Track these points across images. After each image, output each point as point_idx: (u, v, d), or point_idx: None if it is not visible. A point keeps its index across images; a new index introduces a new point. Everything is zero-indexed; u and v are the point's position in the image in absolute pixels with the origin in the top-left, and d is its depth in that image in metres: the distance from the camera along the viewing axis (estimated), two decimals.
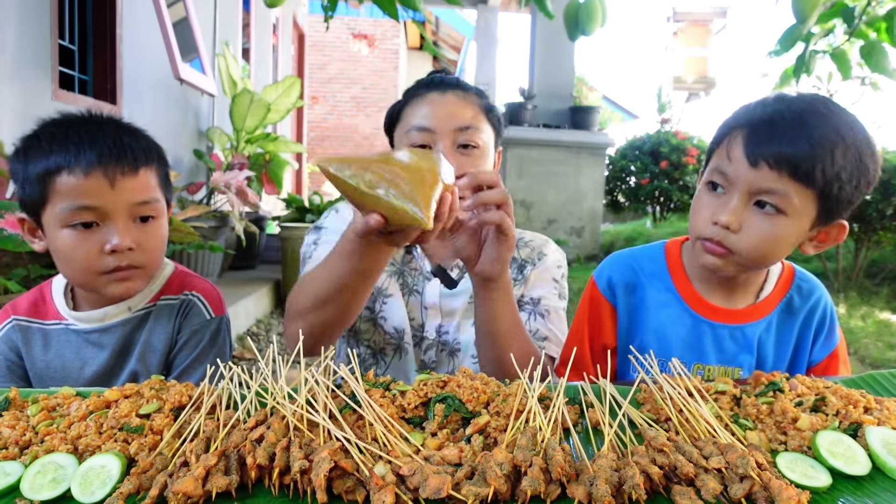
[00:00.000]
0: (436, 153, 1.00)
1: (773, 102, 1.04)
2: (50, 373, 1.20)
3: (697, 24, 16.78)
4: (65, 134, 1.09)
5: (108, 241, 1.08)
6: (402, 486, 0.61)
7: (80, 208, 1.06)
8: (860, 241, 5.40)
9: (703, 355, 1.21)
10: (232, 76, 5.46)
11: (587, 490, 0.61)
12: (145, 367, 1.21)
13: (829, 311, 1.24)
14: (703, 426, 0.75)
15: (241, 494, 0.64)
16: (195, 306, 1.25)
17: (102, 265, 1.09)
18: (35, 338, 1.21)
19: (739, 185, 1.02)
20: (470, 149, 1.27)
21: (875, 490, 0.67)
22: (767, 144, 0.99)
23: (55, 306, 1.22)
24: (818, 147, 0.97)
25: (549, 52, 7.31)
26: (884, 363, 3.95)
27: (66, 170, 1.05)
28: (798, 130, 0.98)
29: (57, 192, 1.06)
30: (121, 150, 1.10)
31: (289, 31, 9.87)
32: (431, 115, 1.27)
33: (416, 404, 0.80)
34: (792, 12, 2.00)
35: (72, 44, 3.70)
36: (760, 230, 1.02)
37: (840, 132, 0.99)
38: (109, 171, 1.07)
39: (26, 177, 1.08)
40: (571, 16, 2.47)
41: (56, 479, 0.65)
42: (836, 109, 1.02)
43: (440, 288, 1.38)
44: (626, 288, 1.27)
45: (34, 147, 1.09)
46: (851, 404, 0.79)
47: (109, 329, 1.20)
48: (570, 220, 7.00)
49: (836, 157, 0.97)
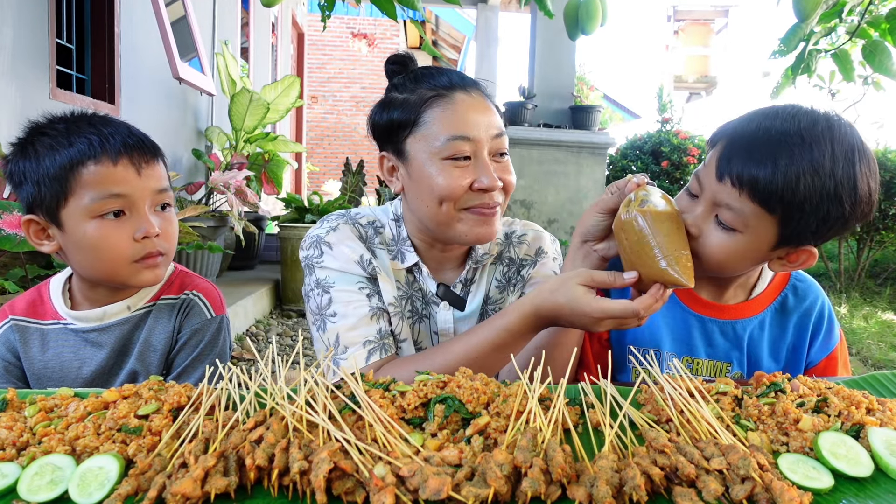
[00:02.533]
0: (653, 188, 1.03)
1: (764, 118, 1.00)
2: (48, 373, 1.19)
3: (698, 23, 16.76)
4: (78, 128, 1.09)
5: (139, 228, 1.09)
6: (402, 487, 0.61)
7: (110, 196, 1.07)
8: (862, 241, 5.39)
9: (693, 349, 1.21)
10: (231, 75, 5.45)
11: (588, 491, 0.61)
12: (144, 367, 1.20)
13: (827, 313, 1.24)
14: (705, 427, 0.75)
15: (240, 495, 0.63)
16: (196, 306, 1.25)
17: (134, 253, 1.10)
18: (33, 338, 1.20)
19: (706, 194, 1.03)
20: (503, 156, 1.18)
21: (877, 492, 0.67)
22: (737, 162, 0.98)
23: (53, 306, 1.21)
24: (781, 175, 0.94)
25: (549, 52, 7.30)
26: (886, 364, 3.94)
27: (93, 160, 1.06)
28: (769, 155, 0.95)
29: (83, 183, 1.06)
30: (139, 139, 1.12)
31: (288, 31, 9.86)
32: (470, 122, 1.14)
33: (416, 405, 0.80)
34: (793, 11, 1.99)
35: (70, 43, 3.70)
36: (716, 241, 1.03)
37: (816, 163, 0.94)
38: (135, 159, 1.09)
39: (42, 174, 1.06)
40: (571, 15, 2.47)
41: (54, 480, 0.65)
42: (830, 136, 0.96)
43: (452, 312, 1.30)
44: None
45: (46, 144, 1.07)
46: (853, 405, 0.79)
47: (108, 328, 1.20)
48: (571, 220, 6.99)
49: (799, 188, 0.94)
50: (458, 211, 1.16)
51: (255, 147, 5.64)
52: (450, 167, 1.13)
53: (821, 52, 2.52)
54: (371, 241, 1.29)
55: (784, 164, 0.94)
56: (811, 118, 0.99)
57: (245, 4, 7.32)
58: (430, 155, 1.14)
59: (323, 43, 13.05)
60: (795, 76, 2.50)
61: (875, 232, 5.25)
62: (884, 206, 4.96)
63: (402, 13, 2.45)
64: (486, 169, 1.14)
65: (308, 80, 12.02)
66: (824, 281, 5.46)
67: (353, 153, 11.94)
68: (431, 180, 1.14)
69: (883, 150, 5.16)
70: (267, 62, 8.40)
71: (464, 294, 1.32)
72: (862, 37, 2.36)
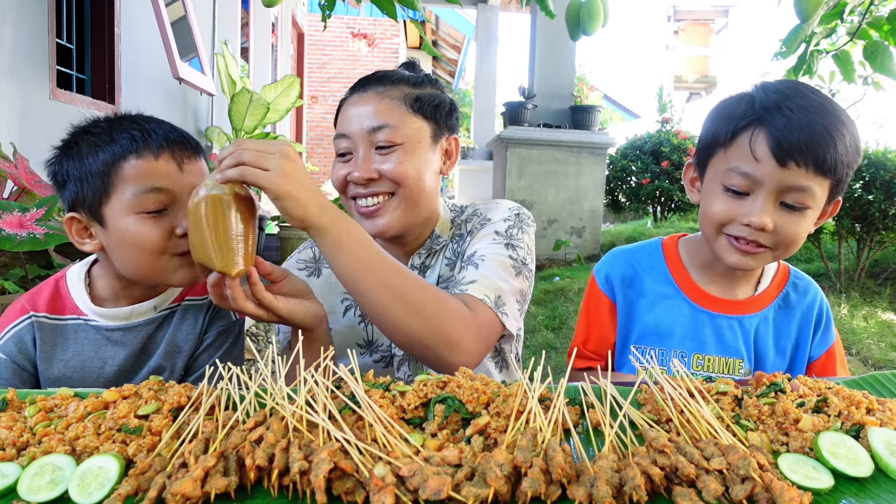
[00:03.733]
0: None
1: (775, 94, 1.06)
2: (69, 372, 1.15)
3: (698, 23, 16.76)
4: (121, 125, 1.09)
5: (180, 223, 1.08)
6: (402, 487, 0.61)
7: (152, 190, 1.06)
8: (862, 241, 5.38)
9: (703, 345, 1.22)
10: (231, 75, 5.46)
11: (588, 491, 0.61)
12: (171, 366, 1.20)
13: (826, 309, 1.27)
14: (705, 427, 0.75)
15: (240, 495, 0.63)
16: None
17: (174, 248, 1.09)
18: (54, 336, 1.15)
19: (767, 185, 1.04)
20: (387, 148, 1.21)
21: (877, 491, 0.67)
22: (795, 144, 1.01)
23: (73, 300, 1.17)
24: (840, 144, 1.01)
25: (549, 52, 7.30)
26: (886, 364, 3.94)
27: (134, 154, 1.06)
28: (820, 128, 1.01)
29: (125, 178, 1.05)
30: (181, 135, 1.12)
31: (288, 31, 9.86)
32: (348, 120, 1.25)
33: (416, 405, 0.80)
34: (794, 12, 1.99)
35: (70, 43, 3.70)
36: (792, 226, 1.06)
37: (847, 122, 1.04)
38: (177, 154, 1.09)
39: (85, 172, 1.07)
40: (573, 15, 2.46)
41: (54, 480, 0.65)
42: (814, 91, 1.07)
43: None
44: (623, 282, 1.29)
45: (89, 142, 1.08)
46: (854, 405, 0.79)
47: (134, 328, 1.18)
48: (571, 220, 6.99)
49: (845, 143, 1.02)
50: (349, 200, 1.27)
51: None
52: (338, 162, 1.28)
53: (822, 53, 2.52)
54: (320, 261, 1.41)
55: (834, 133, 1.01)
56: (792, 83, 1.09)
57: (245, 4, 7.32)
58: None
59: (323, 43, 13.05)
60: (798, 78, 2.49)
61: (875, 232, 5.24)
62: (884, 206, 4.95)
63: (402, 13, 2.45)
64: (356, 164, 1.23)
65: (308, 80, 12.02)
66: (824, 281, 5.46)
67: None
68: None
69: (883, 150, 5.15)
70: (267, 62, 8.40)
71: (421, 266, 1.33)
72: (863, 38, 2.36)
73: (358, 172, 1.20)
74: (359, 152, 1.23)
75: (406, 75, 1.30)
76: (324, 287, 1.36)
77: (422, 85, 1.29)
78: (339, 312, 1.36)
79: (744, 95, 1.10)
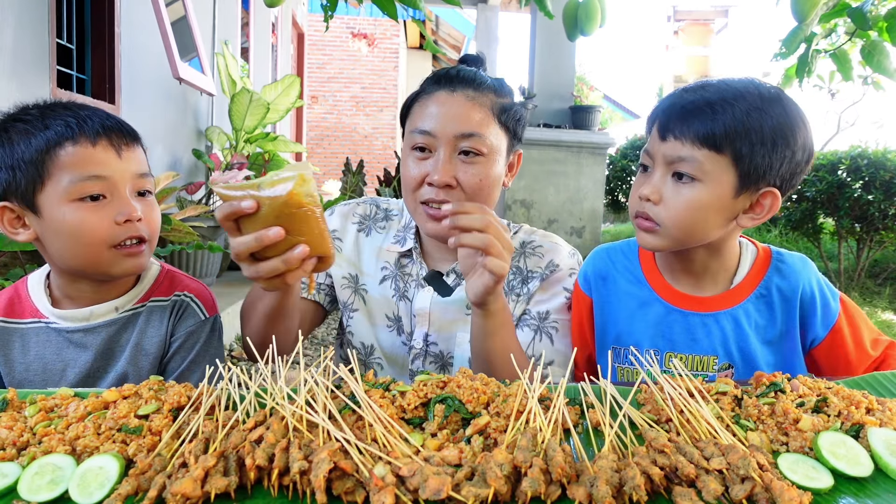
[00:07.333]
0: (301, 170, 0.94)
1: (693, 87, 1.11)
2: (30, 376, 1.14)
3: (698, 23, 16.75)
4: (54, 111, 1.06)
5: (120, 211, 1.05)
6: (402, 486, 0.61)
7: (89, 178, 1.03)
8: (862, 241, 5.39)
9: (674, 344, 1.20)
10: (231, 75, 5.45)
11: (588, 491, 0.61)
12: (136, 370, 1.17)
13: (819, 287, 1.19)
14: (704, 427, 0.75)
15: (240, 495, 0.63)
16: (189, 307, 1.22)
17: (114, 237, 1.06)
18: (13, 339, 1.15)
19: (658, 160, 1.09)
20: (472, 156, 1.20)
21: (877, 491, 0.67)
22: (675, 120, 1.06)
23: (33, 303, 1.16)
24: (720, 116, 1.03)
25: (549, 52, 7.30)
26: None
27: (71, 141, 1.03)
28: (705, 106, 1.05)
29: (61, 165, 1.03)
30: (117, 121, 1.09)
31: (288, 31, 9.86)
32: (434, 118, 1.20)
33: (416, 405, 0.80)
34: (791, 13, 1.99)
35: (70, 43, 3.69)
36: (679, 199, 1.07)
37: (745, 94, 1.04)
38: (114, 140, 1.06)
39: (17, 159, 1.03)
40: (570, 16, 2.46)
41: (54, 480, 0.65)
42: (754, 86, 1.07)
43: (432, 295, 1.33)
44: (599, 279, 1.29)
45: (20, 129, 1.04)
46: (853, 405, 0.79)
47: (94, 329, 1.15)
48: (571, 220, 6.99)
49: (736, 115, 1.02)
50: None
51: (255, 147, 5.63)
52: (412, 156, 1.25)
53: (821, 53, 2.52)
54: (374, 221, 1.43)
55: (720, 107, 1.03)
56: (738, 80, 1.10)
57: (245, 4, 7.31)
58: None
59: (323, 43, 13.04)
60: (801, 79, 2.48)
61: (875, 232, 5.24)
62: (883, 206, 4.95)
63: (403, 13, 2.45)
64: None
65: (308, 80, 12.01)
66: None
67: (353, 153, 11.95)
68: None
69: (883, 150, 5.15)
70: (267, 62, 8.39)
71: (455, 284, 1.33)
72: (861, 37, 2.36)
73: (438, 175, 1.18)
74: (440, 153, 1.20)
75: (490, 81, 1.27)
76: (368, 249, 1.40)
77: (503, 93, 1.27)
78: (377, 279, 1.39)
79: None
